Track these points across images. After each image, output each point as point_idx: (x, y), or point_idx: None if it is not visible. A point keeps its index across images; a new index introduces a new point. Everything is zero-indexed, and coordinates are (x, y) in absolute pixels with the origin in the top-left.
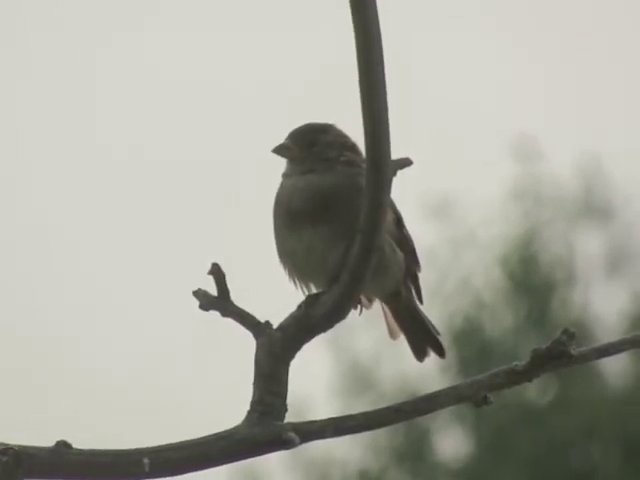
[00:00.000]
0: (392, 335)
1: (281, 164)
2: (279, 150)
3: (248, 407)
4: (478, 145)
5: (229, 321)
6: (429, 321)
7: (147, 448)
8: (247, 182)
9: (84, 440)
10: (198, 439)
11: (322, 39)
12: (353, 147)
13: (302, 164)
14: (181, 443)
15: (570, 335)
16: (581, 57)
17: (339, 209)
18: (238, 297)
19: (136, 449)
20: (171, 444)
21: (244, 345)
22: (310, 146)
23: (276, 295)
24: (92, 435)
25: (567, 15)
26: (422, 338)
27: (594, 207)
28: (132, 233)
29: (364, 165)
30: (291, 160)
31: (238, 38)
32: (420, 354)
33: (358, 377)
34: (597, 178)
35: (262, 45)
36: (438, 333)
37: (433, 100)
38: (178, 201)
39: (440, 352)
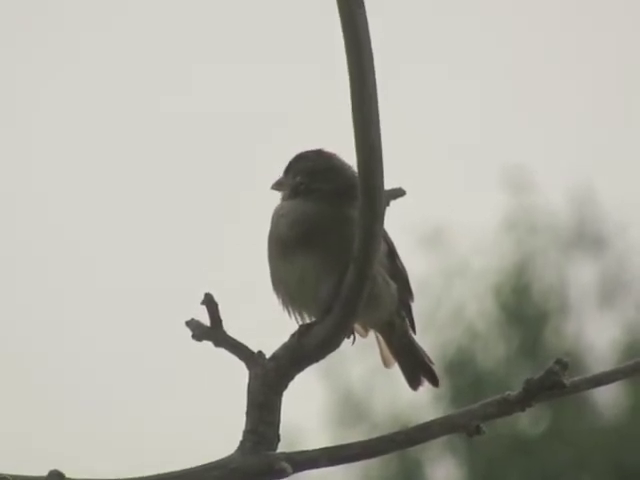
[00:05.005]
0: (386, 364)
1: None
2: (275, 186)
3: (241, 437)
4: (471, 175)
5: (221, 350)
6: (423, 350)
7: (139, 478)
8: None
9: (74, 472)
10: (190, 469)
11: (317, 72)
12: (325, 172)
13: (288, 193)
14: (172, 473)
15: (563, 365)
16: (572, 89)
17: (323, 237)
18: (234, 318)
19: (127, 479)
20: (162, 474)
21: (236, 374)
22: (289, 175)
23: (269, 323)
24: (79, 463)
25: (556, 49)
26: (416, 367)
27: (587, 237)
28: (120, 246)
29: (341, 190)
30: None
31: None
32: (414, 383)
33: (351, 407)
34: (589, 208)
35: (258, 76)
36: (432, 362)
37: (426, 131)
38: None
39: (434, 381)
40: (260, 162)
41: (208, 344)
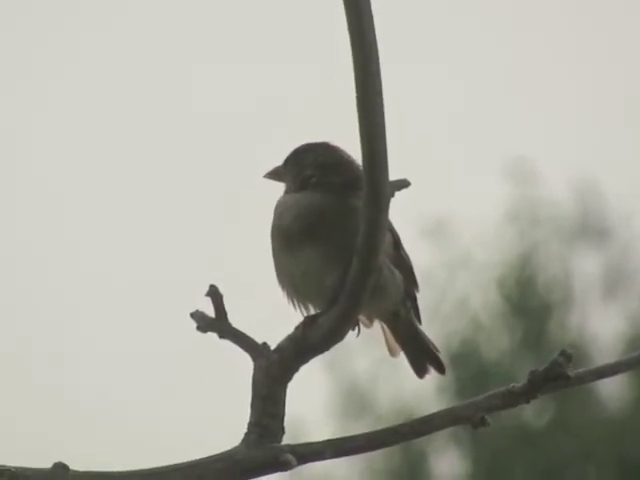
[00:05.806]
0: (392, 353)
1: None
2: (269, 175)
3: (245, 429)
4: (474, 167)
5: (226, 342)
6: (428, 339)
7: (143, 470)
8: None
9: (79, 464)
10: (194, 461)
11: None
12: (336, 165)
13: (292, 185)
14: (177, 465)
15: (567, 357)
16: (575, 79)
17: (328, 229)
18: (235, 315)
19: (131, 471)
20: (167, 466)
21: (237, 372)
22: (294, 167)
23: (270, 321)
24: (86, 459)
25: (563, 40)
26: (422, 355)
27: (590, 228)
28: (119, 247)
29: (352, 183)
30: (283, 182)
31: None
32: (420, 371)
33: (355, 399)
34: (593, 199)
35: (258, 76)
36: (437, 350)
37: (429, 123)
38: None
39: (440, 369)
40: (260, 162)
41: (211, 340)
